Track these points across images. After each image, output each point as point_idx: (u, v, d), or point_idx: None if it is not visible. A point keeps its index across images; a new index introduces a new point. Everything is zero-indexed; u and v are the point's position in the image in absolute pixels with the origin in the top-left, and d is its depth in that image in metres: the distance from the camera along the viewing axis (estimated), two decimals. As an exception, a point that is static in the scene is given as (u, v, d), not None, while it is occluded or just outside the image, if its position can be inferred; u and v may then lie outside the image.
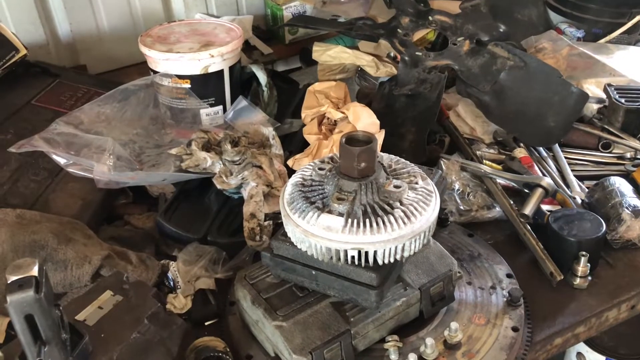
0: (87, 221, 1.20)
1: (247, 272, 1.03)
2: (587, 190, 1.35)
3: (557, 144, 1.50)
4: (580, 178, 1.41)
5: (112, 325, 0.84)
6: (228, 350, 0.97)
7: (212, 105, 1.49)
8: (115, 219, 1.32)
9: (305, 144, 1.43)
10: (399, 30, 1.64)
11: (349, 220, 0.87)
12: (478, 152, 1.46)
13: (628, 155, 1.46)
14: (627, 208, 1.21)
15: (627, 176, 1.36)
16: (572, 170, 1.42)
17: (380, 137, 1.33)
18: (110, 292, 0.88)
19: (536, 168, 1.41)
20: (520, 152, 1.45)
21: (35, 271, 0.67)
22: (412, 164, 0.99)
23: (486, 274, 1.13)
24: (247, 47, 1.90)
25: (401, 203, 0.90)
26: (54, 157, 1.25)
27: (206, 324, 1.09)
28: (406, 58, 1.56)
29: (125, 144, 1.35)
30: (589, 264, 1.14)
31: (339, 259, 0.89)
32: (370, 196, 0.90)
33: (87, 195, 1.26)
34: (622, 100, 1.50)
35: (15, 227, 1.08)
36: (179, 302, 1.10)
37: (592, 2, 1.85)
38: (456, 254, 1.15)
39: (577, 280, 1.14)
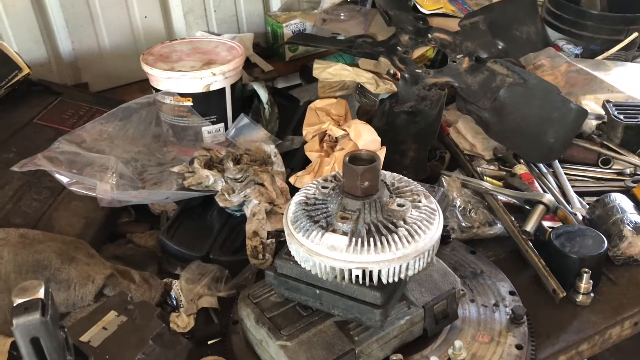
0: (90, 240, 1.20)
1: (250, 290, 1.03)
2: (587, 206, 1.35)
3: (556, 160, 1.50)
4: (581, 194, 1.41)
5: (116, 346, 0.84)
6: (232, 370, 0.97)
7: (214, 123, 1.50)
8: (117, 237, 1.31)
9: (307, 161, 1.43)
10: (398, 47, 1.66)
11: (353, 239, 0.87)
12: (478, 169, 1.46)
13: (628, 171, 1.46)
14: (628, 224, 1.21)
15: (628, 192, 1.37)
16: (572, 187, 1.43)
17: (381, 154, 1.34)
18: (114, 313, 0.88)
19: (536, 184, 1.42)
20: (520, 169, 1.45)
21: (41, 293, 0.67)
22: (415, 182, 1.00)
23: (489, 291, 1.13)
24: (247, 65, 1.91)
25: (405, 222, 0.90)
26: (57, 175, 1.26)
27: (209, 342, 1.09)
28: (406, 75, 1.58)
29: (127, 162, 1.35)
30: (591, 281, 1.14)
31: (343, 278, 0.89)
32: (374, 215, 0.90)
33: (90, 214, 1.26)
34: (621, 117, 1.51)
35: (18, 247, 1.08)
36: (182, 321, 1.10)
37: (590, 19, 1.87)
38: (459, 272, 1.15)
39: (580, 297, 1.14)
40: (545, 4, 1.98)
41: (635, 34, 1.82)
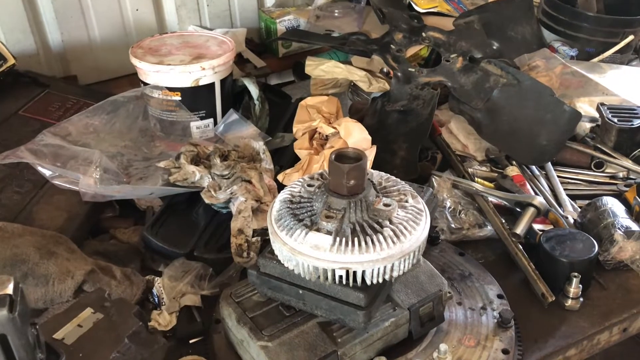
0: (72, 235, 1.18)
1: (233, 289, 1.01)
2: (579, 210, 1.34)
3: (549, 163, 1.49)
4: (573, 197, 1.40)
5: (91, 344, 0.81)
6: (212, 370, 0.95)
7: (202, 118, 1.47)
8: (100, 232, 1.29)
9: (296, 159, 1.41)
10: (392, 46, 1.64)
11: (337, 238, 0.85)
12: (470, 170, 1.45)
13: (620, 175, 1.45)
14: (619, 229, 1.20)
15: (620, 196, 1.35)
16: (565, 189, 1.41)
17: (371, 153, 1.32)
18: (90, 310, 0.86)
19: (528, 186, 1.40)
20: (512, 170, 1.44)
21: (10, 289, 0.65)
22: (403, 182, 0.98)
23: (477, 294, 1.11)
24: (240, 60, 1.90)
25: (391, 222, 0.88)
26: (40, 168, 1.23)
27: (191, 341, 1.07)
28: (399, 74, 1.56)
29: (113, 156, 1.33)
30: (580, 285, 1.12)
31: (327, 278, 0.87)
32: (359, 214, 0.88)
33: (72, 208, 1.24)
34: (615, 120, 1.50)
35: (-4, 240, 1.06)
36: (164, 319, 1.08)
37: (586, 21, 1.86)
38: (447, 273, 1.13)
39: (569, 302, 1.13)
40: (541, 5, 1.96)
41: (630, 37, 1.81)
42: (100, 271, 1.09)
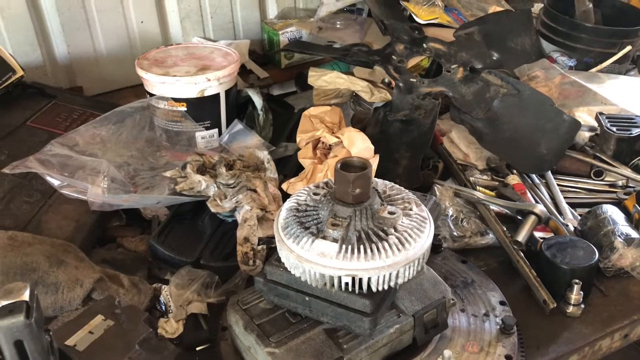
0: (80, 243, 1.20)
1: (239, 297, 1.02)
2: (579, 217, 1.36)
3: (549, 171, 1.51)
4: (573, 205, 1.42)
5: (102, 351, 0.83)
6: (219, 376, 0.96)
7: (207, 129, 1.50)
8: (108, 241, 1.31)
9: (300, 168, 1.43)
10: (393, 56, 1.66)
11: (343, 246, 0.87)
12: (471, 178, 1.46)
13: (620, 183, 1.47)
14: (619, 236, 1.22)
15: (619, 204, 1.37)
16: (565, 198, 1.43)
17: (374, 162, 1.34)
18: (101, 317, 0.87)
19: (529, 195, 1.42)
20: (513, 179, 1.45)
21: (26, 296, 0.66)
22: (407, 190, 1.00)
23: (479, 301, 1.13)
24: (243, 71, 1.92)
25: (395, 229, 0.90)
26: (48, 178, 1.25)
27: (198, 349, 1.08)
28: (401, 84, 1.58)
29: (120, 166, 1.35)
30: (582, 292, 1.14)
31: (333, 285, 0.88)
32: (364, 222, 0.90)
33: (81, 217, 1.26)
34: (614, 129, 1.52)
35: (6, 249, 1.07)
36: (171, 327, 1.09)
37: (584, 32, 1.89)
38: (449, 281, 1.15)
39: (570, 309, 1.14)
40: (540, 16, 1.99)
41: (628, 47, 1.84)
42: (108, 279, 1.10)
